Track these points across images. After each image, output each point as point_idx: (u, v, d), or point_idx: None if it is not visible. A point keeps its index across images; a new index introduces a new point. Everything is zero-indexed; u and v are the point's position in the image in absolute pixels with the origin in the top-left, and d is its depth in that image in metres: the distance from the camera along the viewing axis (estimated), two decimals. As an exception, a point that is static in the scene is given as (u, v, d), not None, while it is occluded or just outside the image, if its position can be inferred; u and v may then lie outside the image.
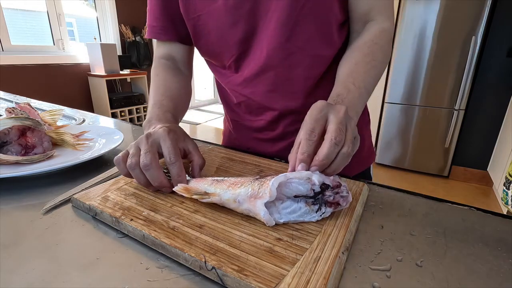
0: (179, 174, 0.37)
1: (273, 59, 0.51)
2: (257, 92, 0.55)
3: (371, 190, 0.43)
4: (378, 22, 0.50)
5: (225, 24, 0.50)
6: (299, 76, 0.53)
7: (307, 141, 0.32)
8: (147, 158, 0.36)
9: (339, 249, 0.28)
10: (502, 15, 2.09)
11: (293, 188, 0.31)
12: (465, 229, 0.34)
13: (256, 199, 0.30)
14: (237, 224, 0.32)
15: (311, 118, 0.34)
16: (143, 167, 0.36)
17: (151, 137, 0.38)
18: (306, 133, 0.33)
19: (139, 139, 0.38)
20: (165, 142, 0.38)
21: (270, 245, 0.28)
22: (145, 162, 0.35)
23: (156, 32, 0.58)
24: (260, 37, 0.51)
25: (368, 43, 0.49)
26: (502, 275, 0.27)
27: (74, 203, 0.38)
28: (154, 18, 0.57)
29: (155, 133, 0.39)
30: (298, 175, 0.31)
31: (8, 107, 0.56)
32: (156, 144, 0.38)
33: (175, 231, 0.30)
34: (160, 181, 0.36)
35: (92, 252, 0.29)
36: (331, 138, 0.32)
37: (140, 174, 0.36)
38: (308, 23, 0.49)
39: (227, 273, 0.25)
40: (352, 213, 0.34)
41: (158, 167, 0.36)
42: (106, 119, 0.86)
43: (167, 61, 0.60)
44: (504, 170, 1.83)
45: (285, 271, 0.25)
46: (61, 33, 2.82)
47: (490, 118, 2.27)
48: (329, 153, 0.32)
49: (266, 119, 0.58)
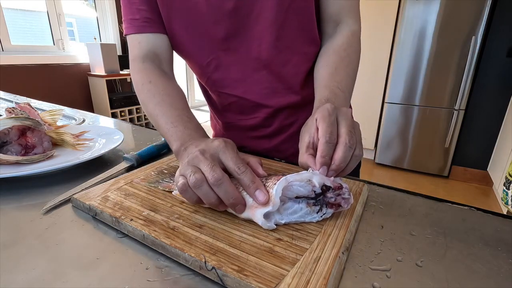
0: (253, 180, 0.31)
1: (265, 59, 0.52)
2: (251, 91, 0.56)
3: (371, 190, 0.43)
4: (349, 25, 0.53)
5: (206, 22, 0.50)
6: (290, 73, 0.54)
7: (327, 144, 0.32)
8: (217, 172, 0.30)
9: (339, 249, 0.28)
10: (502, 15, 2.09)
11: (294, 190, 0.31)
12: (465, 229, 0.34)
13: (257, 208, 0.30)
14: (237, 224, 0.32)
15: (326, 121, 0.33)
16: (214, 182, 0.30)
17: (207, 152, 0.33)
18: (325, 136, 0.32)
19: (191, 159, 0.33)
20: (226, 153, 0.33)
21: (270, 245, 0.28)
22: (216, 176, 0.30)
23: (138, 25, 0.51)
24: (247, 37, 0.51)
25: (344, 46, 0.51)
26: (502, 275, 0.27)
27: (74, 203, 0.38)
28: (136, 10, 0.51)
29: (210, 148, 0.34)
30: (299, 177, 0.31)
31: (8, 107, 0.56)
32: (217, 159, 0.33)
33: (175, 231, 0.30)
34: (236, 196, 0.31)
35: (92, 252, 0.29)
36: (345, 142, 0.32)
37: (210, 192, 0.31)
38: (294, 22, 0.50)
39: (227, 273, 0.25)
40: (352, 213, 0.34)
41: (230, 181, 0.31)
42: (106, 119, 0.86)
43: (151, 62, 0.52)
44: (504, 170, 1.83)
45: (285, 271, 0.25)
46: (61, 33, 2.82)
47: (490, 118, 2.27)
48: (346, 157, 0.32)
49: (261, 116, 0.59)
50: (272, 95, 0.56)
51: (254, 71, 0.54)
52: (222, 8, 0.48)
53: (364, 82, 2.52)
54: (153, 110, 0.45)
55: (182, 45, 0.54)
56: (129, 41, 0.53)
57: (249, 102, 0.57)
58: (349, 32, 0.52)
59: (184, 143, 0.38)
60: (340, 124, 0.34)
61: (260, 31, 0.50)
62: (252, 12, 0.49)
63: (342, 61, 0.49)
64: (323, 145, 0.32)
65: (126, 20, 0.53)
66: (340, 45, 0.51)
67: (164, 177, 0.43)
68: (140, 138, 0.69)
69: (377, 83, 2.53)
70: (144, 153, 0.52)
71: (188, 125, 0.42)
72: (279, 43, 0.51)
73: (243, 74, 0.54)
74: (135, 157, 0.50)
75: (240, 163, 0.32)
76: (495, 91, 2.21)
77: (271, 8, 0.48)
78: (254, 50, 0.52)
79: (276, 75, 0.54)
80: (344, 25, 0.53)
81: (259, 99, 0.56)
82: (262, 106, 0.57)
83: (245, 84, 0.55)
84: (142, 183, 0.41)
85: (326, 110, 0.34)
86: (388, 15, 2.35)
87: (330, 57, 0.51)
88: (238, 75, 0.55)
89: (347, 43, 0.51)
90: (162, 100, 0.46)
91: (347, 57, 0.50)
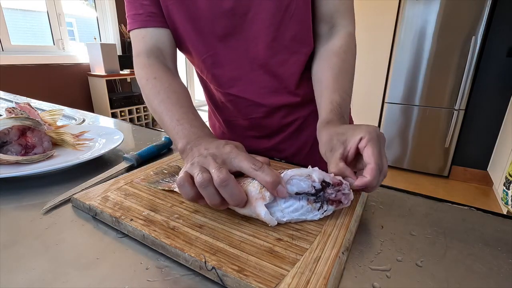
0: (272, 174, 0.30)
1: (261, 58, 0.52)
2: (247, 90, 0.56)
3: (371, 190, 0.43)
4: (344, 26, 0.53)
5: (205, 18, 0.50)
6: (286, 73, 0.55)
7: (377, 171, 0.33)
8: (223, 173, 0.30)
9: (339, 249, 0.28)
10: (502, 15, 2.09)
11: (295, 183, 0.31)
12: (465, 229, 0.34)
13: (258, 200, 0.30)
14: (237, 224, 0.32)
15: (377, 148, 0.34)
16: (220, 182, 0.30)
17: (219, 158, 0.33)
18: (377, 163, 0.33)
19: (201, 160, 0.32)
20: (238, 157, 0.32)
21: (270, 245, 0.28)
22: (222, 177, 0.30)
23: (142, 20, 0.51)
24: (244, 37, 0.51)
25: (343, 48, 0.51)
26: (502, 275, 0.27)
27: (74, 203, 0.38)
28: (139, 5, 0.51)
29: (222, 154, 0.33)
30: (299, 172, 0.32)
31: (8, 107, 0.56)
32: (227, 163, 0.33)
33: (175, 231, 0.30)
34: (242, 197, 0.31)
35: (92, 252, 0.29)
36: (385, 174, 0.34)
37: (215, 192, 0.31)
38: (291, 24, 0.50)
39: (227, 273, 0.25)
40: (352, 213, 0.34)
41: (236, 182, 0.31)
42: (106, 119, 0.86)
43: (156, 58, 0.52)
44: (504, 170, 1.83)
45: (285, 271, 0.25)
46: (61, 33, 2.82)
47: (490, 118, 2.27)
48: (379, 182, 0.34)
49: (258, 116, 0.59)
50: (269, 94, 0.56)
51: (251, 70, 0.54)
52: (220, 7, 0.49)
53: (364, 82, 2.51)
54: (157, 106, 0.45)
55: (183, 38, 0.54)
56: (133, 36, 0.53)
57: (246, 101, 0.57)
58: (346, 34, 0.52)
59: (190, 141, 0.38)
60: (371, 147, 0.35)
61: (257, 31, 0.50)
62: (249, 12, 0.49)
63: (344, 63, 0.50)
64: (374, 171, 0.33)
65: (129, 16, 0.53)
66: (340, 47, 0.51)
67: (164, 177, 0.43)
68: (140, 138, 0.69)
69: (377, 83, 2.53)
70: (144, 153, 0.52)
71: (194, 123, 0.41)
72: (275, 44, 0.51)
73: (240, 73, 0.54)
74: (135, 157, 0.50)
75: (254, 160, 0.32)
76: (495, 91, 2.21)
77: (268, 9, 0.48)
78: (251, 49, 0.52)
79: (272, 75, 0.54)
80: (340, 26, 0.53)
81: (255, 98, 0.57)
82: (259, 105, 0.57)
83: (242, 83, 0.55)
84: (142, 183, 0.41)
85: (376, 134, 0.35)
86: (388, 15, 2.35)
87: (332, 59, 0.51)
88: (235, 73, 0.55)
89: (345, 45, 0.52)
90: (167, 97, 0.45)
91: (347, 60, 0.51)
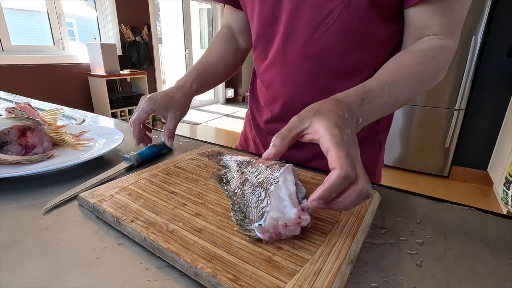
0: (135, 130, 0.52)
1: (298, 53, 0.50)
2: (274, 80, 0.55)
3: (371, 190, 0.43)
4: (441, 38, 0.43)
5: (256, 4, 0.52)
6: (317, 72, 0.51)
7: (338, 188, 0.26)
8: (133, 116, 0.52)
9: (342, 262, 0.26)
10: (502, 15, 2.09)
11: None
12: (465, 229, 0.34)
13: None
14: (237, 230, 0.31)
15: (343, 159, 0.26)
16: None
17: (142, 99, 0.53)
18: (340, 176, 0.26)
19: None
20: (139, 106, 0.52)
21: (269, 253, 0.27)
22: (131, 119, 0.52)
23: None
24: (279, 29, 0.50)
25: (425, 52, 0.42)
26: (502, 275, 0.27)
27: (80, 201, 0.38)
28: None
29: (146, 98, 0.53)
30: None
31: (8, 107, 0.56)
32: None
33: (174, 235, 0.30)
34: None
35: (92, 252, 0.29)
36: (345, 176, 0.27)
37: None
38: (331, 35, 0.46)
39: (222, 282, 0.24)
40: (360, 222, 0.32)
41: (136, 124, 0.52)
42: (106, 119, 0.86)
43: (226, 30, 0.65)
44: (504, 170, 1.83)
45: (282, 283, 0.23)
46: (61, 33, 2.82)
47: (490, 118, 2.27)
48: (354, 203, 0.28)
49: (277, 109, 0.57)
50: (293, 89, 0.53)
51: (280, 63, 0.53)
52: None
53: (364, 82, 2.51)
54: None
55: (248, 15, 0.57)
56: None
57: (271, 91, 0.57)
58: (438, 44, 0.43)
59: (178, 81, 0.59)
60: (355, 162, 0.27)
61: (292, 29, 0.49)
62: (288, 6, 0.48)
63: (414, 66, 0.42)
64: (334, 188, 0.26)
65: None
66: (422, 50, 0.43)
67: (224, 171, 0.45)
68: (140, 138, 0.69)
69: (377, 83, 2.53)
70: (144, 153, 0.52)
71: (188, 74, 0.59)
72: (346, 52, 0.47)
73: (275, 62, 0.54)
74: (135, 157, 0.50)
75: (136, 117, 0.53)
76: (495, 91, 2.21)
77: (308, 11, 0.46)
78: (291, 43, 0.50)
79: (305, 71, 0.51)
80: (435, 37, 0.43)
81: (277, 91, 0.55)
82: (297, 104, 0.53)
83: (270, 72, 0.55)
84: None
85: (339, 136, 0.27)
86: (388, 15, 2.34)
87: (403, 56, 0.44)
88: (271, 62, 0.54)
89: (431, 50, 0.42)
90: (202, 55, 0.64)
91: (422, 65, 0.42)
